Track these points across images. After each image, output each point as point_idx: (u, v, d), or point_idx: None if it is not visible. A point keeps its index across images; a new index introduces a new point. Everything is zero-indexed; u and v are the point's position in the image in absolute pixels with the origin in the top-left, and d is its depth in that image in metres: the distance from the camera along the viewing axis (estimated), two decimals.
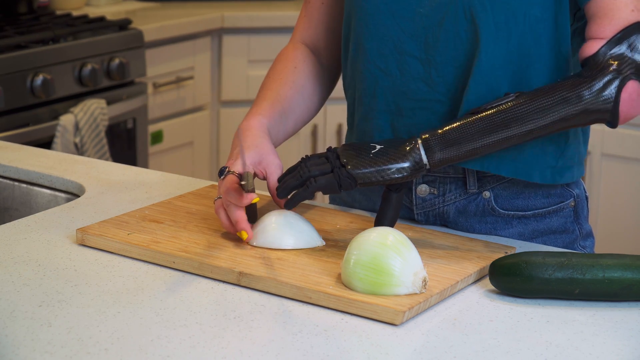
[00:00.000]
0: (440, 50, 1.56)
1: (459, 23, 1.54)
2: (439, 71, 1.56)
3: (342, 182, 1.47)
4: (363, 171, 1.47)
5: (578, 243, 1.67)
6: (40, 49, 2.94)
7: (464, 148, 1.49)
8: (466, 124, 1.49)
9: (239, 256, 1.46)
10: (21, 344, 1.23)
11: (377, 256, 1.35)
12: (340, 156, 1.49)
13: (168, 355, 1.22)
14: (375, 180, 1.47)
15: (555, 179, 1.60)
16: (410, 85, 1.58)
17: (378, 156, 1.48)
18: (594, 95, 1.48)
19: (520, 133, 1.49)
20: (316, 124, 3.66)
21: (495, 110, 1.49)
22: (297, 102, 1.68)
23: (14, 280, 1.40)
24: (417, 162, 1.48)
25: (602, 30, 1.50)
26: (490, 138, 1.49)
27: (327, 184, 1.47)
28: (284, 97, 1.66)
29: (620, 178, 3.40)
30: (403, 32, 1.57)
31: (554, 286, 1.37)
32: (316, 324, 1.31)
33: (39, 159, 1.93)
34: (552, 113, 1.49)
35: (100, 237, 1.52)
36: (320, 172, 1.48)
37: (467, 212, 1.63)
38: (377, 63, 1.60)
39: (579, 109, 1.49)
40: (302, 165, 1.50)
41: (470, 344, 1.27)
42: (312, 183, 1.47)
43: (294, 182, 1.49)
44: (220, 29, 3.59)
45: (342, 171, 1.47)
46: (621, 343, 1.29)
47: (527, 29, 1.53)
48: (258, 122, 1.61)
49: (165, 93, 3.44)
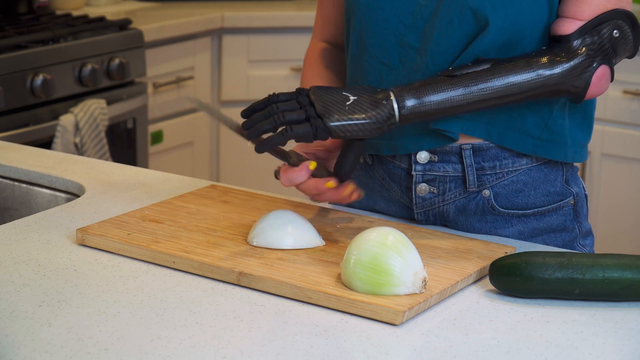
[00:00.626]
0: (435, 39, 1.56)
1: (453, 10, 1.54)
2: (435, 60, 1.57)
3: (318, 134, 1.46)
4: (339, 124, 1.47)
5: (578, 241, 1.67)
6: (40, 49, 2.94)
7: (434, 106, 1.50)
8: (439, 83, 1.51)
9: (239, 256, 1.46)
10: (21, 344, 1.23)
11: (377, 256, 1.35)
12: (314, 104, 1.48)
13: (168, 355, 1.22)
14: (349, 134, 1.47)
15: (537, 151, 1.61)
16: (411, 77, 1.59)
17: (352, 108, 1.48)
18: (566, 75, 1.52)
19: (490, 97, 1.51)
20: None
21: (469, 75, 1.51)
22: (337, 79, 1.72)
23: (14, 280, 1.40)
24: (390, 114, 1.49)
25: (579, 12, 1.53)
26: (460, 99, 1.50)
27: (304, 133, 1.46)
28: (324, 75, 1.71)
29: (620, 178, 3.40)
30: (403, 24, 1.58)
31: (554, 286, 1.37)
32: (316, 324, 1.31)
33: (39, 159, 1.93)
34: (525, 86, 1.52)
35: (100, 237, 1.52)
36: (295, 118, 1.46)
37: (467, 211, 1.63)
38: (381, 58, 1.60)
39: (550, 87, 1.53)
40: (273, 106, 1.48)
41: (470, 344, 1.27)
42: (288, 131, 1.45)
43: (267, 126, 1.46)
44: (220, 29, 3.59)
45: (318, 122, 1.46)
46: (621, 343, 1.29)
47: (525, 10, 1.54)
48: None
49: (165, 93, 3.44)
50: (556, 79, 1.52)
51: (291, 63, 3.63)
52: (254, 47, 3.62)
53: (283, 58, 3.64)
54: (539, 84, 1.52)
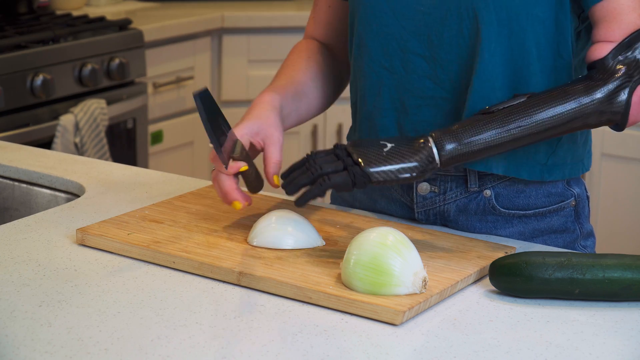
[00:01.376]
0: (445, 47, 1.56)
1: (462, 21, 1.54)
2: (445, 68, 1.57)
3: (357, 180, 1.45)
4: (377, 169, 1.45)
5: (579, 242, 1.67)
6: (40, 49, 2.94)
7: (474, 147, 1.48)
8: (478, 124, 1.49)
9: (239, 256, 1.46)
10: (21, 344, 1.23)
11: (377, 256, 1.35)
12: (351, 154, 1.47)
13: (168, 355, 1.22)
14: (389, 179, 1.46)
15: (544, 176, 1.61)
16: (415, 83, 1.59)
17: (391, 154, 1.47)
18: (606, 99, 1.48)
19: (530, 133, 1.48)
20: (316, 123, 3.66)
21: (507, 111, 1.49)
22: (310, 88, 1.69)
23: (14, 280, 1.40)
24: (429, 161, 1.47)
25: (610, 34, 1.50)
26: (500, 138, 1.48)
27: (342, 181, 1.45)
28: (298, 80, 1.68)
29: (620, 178, 3.40)
30: (405, 30, 1.58)
31: (554, 286, 1.37)
32: (316, 324, 1.31)
33: (39, 159, 1.93)
34: (565, 115, 1.48)
35: (100, 237, 1.52)
36: (332, 169, 1.46)
37: (467, 211, 1.63)
38: (382, 61, 1.60)
39: (590, 111, 1.48)
40: (310, 161, 1.48)
41: (470, 344, 1.27)
42: (326, 181, 1.44)
43: (305, 179, 1.46)
44: (220, 29, 3.59)
45: (356, 169, 1.45)
46: (621, 343, 1.29)
47: (529, 28, 1.53)
48: (270, 97, 1.61)
49: (165, 93, 3.44)
50: (596, 105, 1.48)
51: None
52: (254, 47, 3.62)
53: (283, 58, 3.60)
54: (579, 112, 1.48)
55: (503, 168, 1.59)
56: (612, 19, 1.50)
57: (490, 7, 1.53)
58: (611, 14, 1.51)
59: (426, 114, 1.59)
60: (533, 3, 1.53)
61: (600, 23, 1.51)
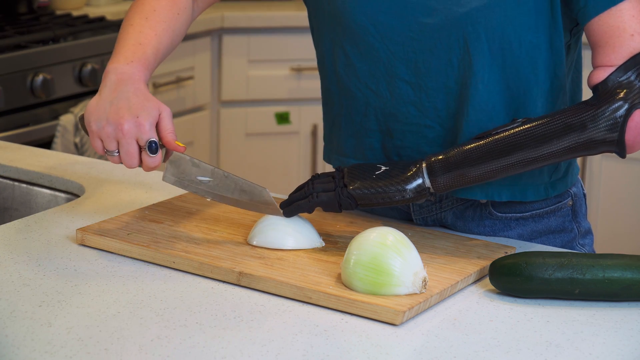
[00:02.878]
0: (432, 76, 1.54)
1: (452, 51, 1.52)
2: (430, 97, 1.55)
3: (342, 202, 1.49)
4: (364, 192, 1.48)
5: (577, 241, 1.67)
6: (40, 49, 2.94)
7: (468, 174, 1.48)
8: (471, 150, 1.48)
9: (239, 256, 1.46)
10: (21, 344, 1.23)
11: (377, 256, 1.35)
12: (345, 176, 1.50)
13: (168, 355, 1.22)
14: (376, 202, 1.48)
15: (549, 192, 1.60)
16: (400, 108, 1.57)
17: (380, 178, 1.48)
18: (599, 123, 1.45)
19: (525, 160, 1.47)
20: (316, 124, 3.66)
21: (501, 136, 1.47)
22: (170, 49, 1.63)
23: (14, 280, 1.40)
24: (419, 186, 1.48)
25: (608, 59, 1.47)
26: (495, 164, 1.47)
27: (328, 200, 1.49)
28: (164, 45, 1.60)
29: (620, 178, 3.40)
30: (393, 55, 1.55)
31: (554, 286, 1.37)
32: (316, 324, 1.31)
33: (39, 159, 1.93)
34: (558, 141, 1.46)
35: (100, 237, 1.52)
36: (323, 189, 1.50)
37: (465, 217, 1.63)
38: (368, 84, 1.58)
39: (584, 138, 1.45)
40: (309, 182, 1.52)
41: (470, 344, 1.27)
42: (314, 198, 1.49)
43: (298, 197, 1.51)
44: (220, 29, 3.59)
45: (344, 191, 1.49)
46: (621, 343, 1.29)
47: (523, 55, 1.51)
48: (142, 75, 1.54)
49: (165, 93, 3.44)
50: (589, 131, 1.45)
51: (291, 63, 3.63)
52: (254, 47, 3.62)
53: (283, 58, 3.64)
54: (573, 138, 1.45)
55: (508, 195, 1.58)
56: (607, 43, 1.47)
57: (482, 37, 1.50)
58: (605, 37, 1.47)
59: (410, 140, 1.58)
60: (526, 30, 1.50)
61: (598, 47, 1.48)
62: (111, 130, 1.47)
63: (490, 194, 1.57)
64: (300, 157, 3.69)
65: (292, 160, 3.69)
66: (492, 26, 1.49)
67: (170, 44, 1.62)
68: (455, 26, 1.50)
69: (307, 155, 3.69)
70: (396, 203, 1.48)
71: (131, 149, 1.47)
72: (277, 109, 3.63)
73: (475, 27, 1.49)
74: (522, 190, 1.58)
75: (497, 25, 1.49)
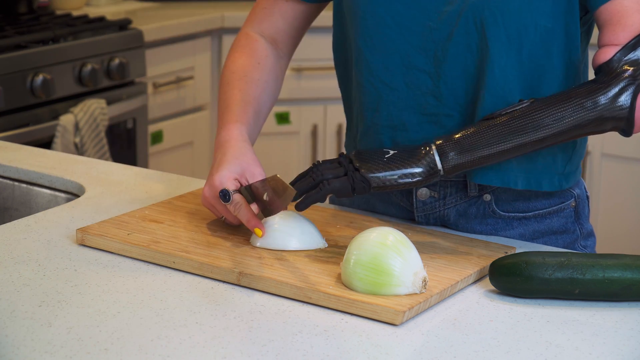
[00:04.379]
0: (449, 63, 1.54)
1: (470, 36, 1.52)
2: (449, 85, 1.55)
3: (356, 186, 1.47)
4: (377, 175, 1.47)
5: (579, 243, 1.67)
6: (40, 49, 2.94)
7: (478, 154, 1.48)
8: (481, 130, 1.48)
9: (239, 256, 1.46)
10: (21, 344, 1.23)
11: (377, 256, 1.35)
12: (353, 160, 1.48)
13: (168, 355, 1.22)
14: (389, 184, 1.47)
15: (562, 184, 1.60)
16: (418, 99, 1.57)
17: (392, 160, 1.48)
18: (609, 102, 1.47)
19: (534, 139, 1.48)
20: (316, 124, 3.66)
21: (509, 116, 1.48)
22: (264, 101, 1.67)
23: (14, 280, 1.40)
24: (431, 167, 1.47)
25: (615, 37, 1.49)
26: (504, 144, 1.48)
27: (341, 186, 1.47)
28: (253, 97, 1.65)
29: (620, 178, 3.40)
30: (411, 46, 1.55)
31: (554, 286, 1.37)
32: (316, 324, 1.31)
33: (39, 159, 1.93)
34: (567, 119, 1.47)
35: (100, 237, 1.52)
36: (333, 175, 1.47)
37: (467, 215, 1.63)
38: (382, 77, 1.58)
39: (593, 116, 1.47)
40: (314, 169, 1.49)
41: (470, 344, 1.27)
42: (326, 185, 1.46)
43: (306, 186, 1.48)
44: (220, 29, 3.59)
45: (356, 174, 1.47)
46: (621, 343, 1.29)
47: (538, 40, 1.52)
48: (238, 131, 1.59)
49: (165, 93, 3.44)
50: (600, 108, 1.47)
51: (291, 63, 3.62)
52: None
53: None
54: (583, 116, 1.47)
55: (524, 182, 1.57)
56: (616, 22, 1.49)
57: (499, 22, 1.51)
58: (615, 17, 1.49)
59: (427, 131, 1.58)
60: (542, 15, 1.51)
61: (605, 26, 1.50)
62: None
63: (506, 181, 1.57)
64: (300, 157, 3.69)
65: (292, 160, 3.69)
66: (508, 10, 1.50)
67: (258, 92, 1.66)
68: (473, 11, 1.51)
69: (307, 156, 3.69)
70: (408, 186, 1.48)
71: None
72: (277, 109, 3.63)
73: (492, 12, 1.50)
74: (537, 179, 1.58)
75: (514, 9, 1.50)
